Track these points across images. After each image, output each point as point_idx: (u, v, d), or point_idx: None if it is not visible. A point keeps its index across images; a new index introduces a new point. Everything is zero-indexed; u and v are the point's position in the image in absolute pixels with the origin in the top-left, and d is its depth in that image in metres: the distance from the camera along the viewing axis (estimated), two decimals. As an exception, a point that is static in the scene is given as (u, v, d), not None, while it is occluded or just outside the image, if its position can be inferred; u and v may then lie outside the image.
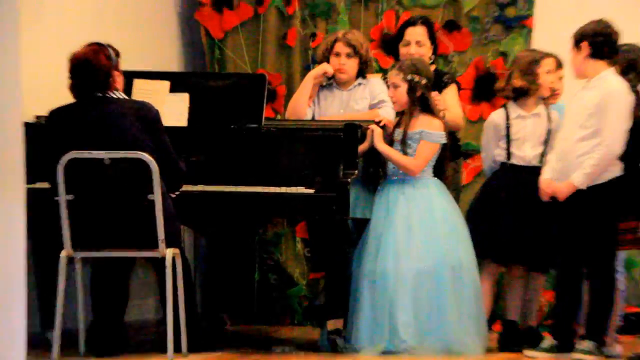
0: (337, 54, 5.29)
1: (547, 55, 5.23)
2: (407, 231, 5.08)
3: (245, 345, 5.22)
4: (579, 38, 4.81)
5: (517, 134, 5.19)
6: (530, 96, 5.15)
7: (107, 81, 4.61)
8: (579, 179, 4.70)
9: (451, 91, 5.44)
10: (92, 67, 4.59)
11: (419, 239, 5.06)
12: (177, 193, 4.78)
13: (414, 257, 5.02)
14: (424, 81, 5.08)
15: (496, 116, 5.26)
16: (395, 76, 5.08)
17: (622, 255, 5.18)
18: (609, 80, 4.73)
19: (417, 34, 5.45)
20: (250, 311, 6.30)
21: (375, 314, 5.00)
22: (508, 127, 5.19)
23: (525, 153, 5.19)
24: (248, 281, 6.31)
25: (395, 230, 5.08)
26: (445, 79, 5.50)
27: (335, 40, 5.31)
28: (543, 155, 5.16)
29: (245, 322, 6.22)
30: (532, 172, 5.08)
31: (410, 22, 5.53)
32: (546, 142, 5.17)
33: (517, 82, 5.15)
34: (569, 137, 4.80)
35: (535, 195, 4.94)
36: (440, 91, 5.42)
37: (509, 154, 5.18)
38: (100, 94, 4.57)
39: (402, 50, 5.43)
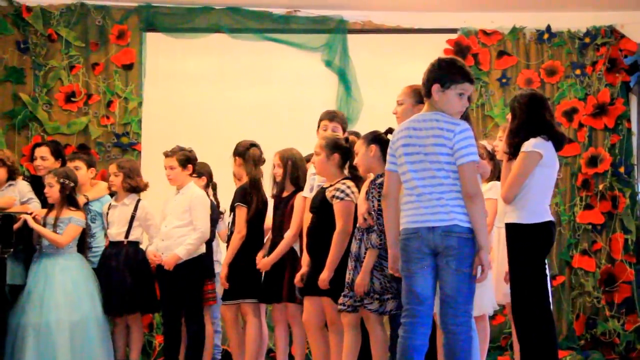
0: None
1: None
2: (63, 292, 5.24)
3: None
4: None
5: (111, 217, 5.58)
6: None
7: None
8: (182, 252, 5.30)
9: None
10: None
11: (71, 298, 5.25)
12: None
13: (69, 312, 5.21)
14: (71, 184, 5.40)
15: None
16: (51, 179, 5.33)
17: (214, 307, 5.68)
18: (194, 189, 5.50)
19: (41, 151, 5.73)
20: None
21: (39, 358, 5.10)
22: (107, 214, 5.63)
23: (115, 232, 5.56)
24: None
25: (54, 291, 5.23)
26: None
27: None
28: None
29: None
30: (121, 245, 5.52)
31: (41, 144, 5.87)
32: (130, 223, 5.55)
33: (134, 182, 5.50)
34: (169, 225, 5.38)
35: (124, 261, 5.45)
36: None
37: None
38: None
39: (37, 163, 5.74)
